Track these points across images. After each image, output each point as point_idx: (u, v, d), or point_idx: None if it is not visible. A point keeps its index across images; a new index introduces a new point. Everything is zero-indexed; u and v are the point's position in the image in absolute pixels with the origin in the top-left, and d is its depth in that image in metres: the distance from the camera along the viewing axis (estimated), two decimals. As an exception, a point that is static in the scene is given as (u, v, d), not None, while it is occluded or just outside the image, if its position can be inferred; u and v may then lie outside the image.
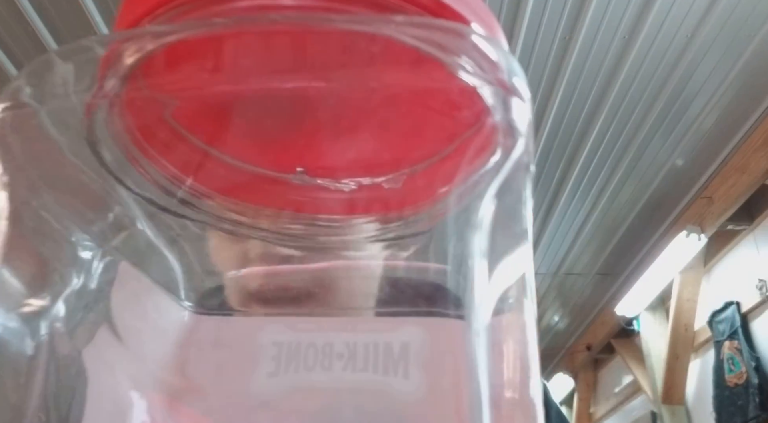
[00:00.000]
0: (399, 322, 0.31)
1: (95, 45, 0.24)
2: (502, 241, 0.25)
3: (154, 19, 0.26)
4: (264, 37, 0.27)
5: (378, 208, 0.33)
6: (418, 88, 0.27)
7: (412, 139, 0.32)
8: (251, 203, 0.35)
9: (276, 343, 0.31)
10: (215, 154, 0.34)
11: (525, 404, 0.25)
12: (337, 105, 0.31)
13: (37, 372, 0.25)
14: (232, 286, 0.35)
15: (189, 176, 0.32)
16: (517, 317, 0.26)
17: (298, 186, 0.34)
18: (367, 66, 0.26)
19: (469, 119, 0.27)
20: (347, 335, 0.31)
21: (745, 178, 2.96)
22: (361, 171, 0.33)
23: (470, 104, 0.26)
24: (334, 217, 0.34)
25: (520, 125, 0.25)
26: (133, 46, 0.24)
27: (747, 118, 2.80)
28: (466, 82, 0.25)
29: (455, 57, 0.25)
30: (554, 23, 2.33)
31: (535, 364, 0.26)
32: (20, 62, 2.44)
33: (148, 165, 0.30)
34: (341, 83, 0.26)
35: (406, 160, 0.32)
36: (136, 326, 0.30)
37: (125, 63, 0.24)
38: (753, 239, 3.29)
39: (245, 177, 0.35)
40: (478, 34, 0.25)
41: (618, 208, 3.38)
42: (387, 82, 0.27)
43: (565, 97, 2.65)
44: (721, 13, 2.29)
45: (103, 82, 0.25)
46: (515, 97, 0.24)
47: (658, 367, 3.92)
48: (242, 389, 0.31)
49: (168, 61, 0.27)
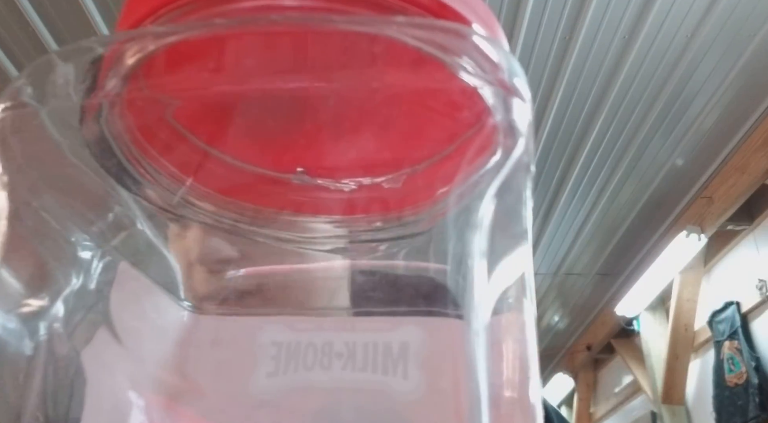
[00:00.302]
0: (398, 321, 0.31)
1: (96, 45, 0.24)
2: (501, 241, 0.25)
3: (156, 20, 0.26)
4: (265, 37, 0.27)
5: (378, 209, 0.33)
6: (418, 88, 0.27)
7: (412, 140, 0.32)
8: (251, 203, 0.35)
9: (275, 342, 0.31)
10: (215, 155, 0.34)
11: (524, 404, 0.25)
12: (338, 105, 0.31)
13: (36, 372, 0.25)
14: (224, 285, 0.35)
15: (189, 176, 0.32)
16: (517, 317, 0.26)
17: (298, 186, 0.34)
18: (368, 66, 0.26)
19: (469, 119, 0.27)
20: (346, 335, 0.31)
21: (745, 178, 2.96)
22: (361, 171, 0.33)
23: (471, 104, 0.26)
24: (333, 217, 0.34)
25: (520, 125, 0.25)
26: (135, 46, 0.24)
27: (747, 118, 2.80)
28: (466, 82, 0.25)
29: (456, 57, 0.25)
30: (554, 23, 2.33)
31: (534, 364, 0.26)
32: (20, 62, 2.44)
33: (149, 165, 0.30)
34: (342, 84, 0.27)
35: (406, 160, 0.32)
36: (135, 326, 0.30)
37: (126, 63, 0.24)
38: (753, 239, 3.29)
39: (245, 177, 0.35)
40: (479, 35, 0.25)
41: (618, 208, 3.38)
42: (388, 83, 0.27)
43: (565, 97, 2.65)
44: (721, 13, 2.29)
45: (104, 82, 0.25)
46: (516, 98, 0.24)
47: (658, 367, 3.92)
48: (241, 389, 0.31)
49: (169, 62, 0.27)
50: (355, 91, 0.28)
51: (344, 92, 0.28)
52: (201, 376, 0.31)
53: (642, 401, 4.30)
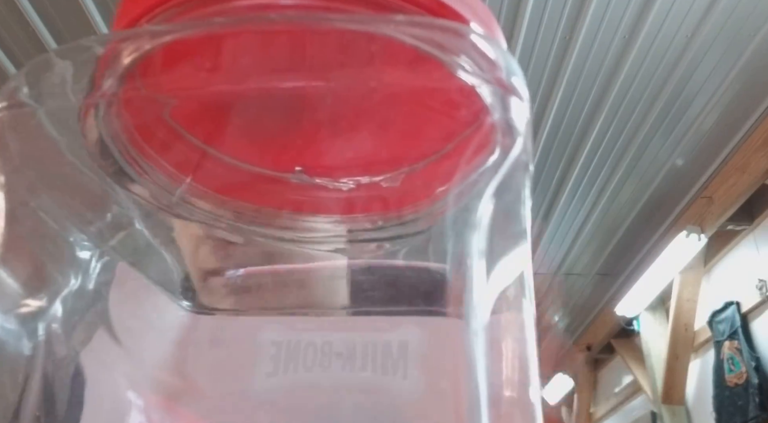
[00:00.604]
0: (398, 321, 0.31)
1: (94, 44, 0.24)
2: (500, 241, 0.25)
3: (153, 19, 0.26)
4: (262, 36, 0.27)
5: (376, 208, 0.33)
6: (416, 87, 0.27)
7: (410, 138, 0.32)
8: (249, 203, 0.34)
9: (275, 342, 0.31)
10: (213, 154, 0.34)
11: (524, 403, 0.25)
12: (336, 104, 0.31)
13: (35, 373, 0.24)
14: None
15: (187, 176, 0.32)
16: (516, 316, 0.26)
17: (297, 185, 0.34)
18: (366, 65, 0.26)
19: (467, 118, 0.27)
20: (346, 334, 0.31)
21: (745, 178, 2.96)
22: (359, 170, 0.33)
23: (469, 103, 0.26)
24: (332, 216, 0.34)
25: (518, 124, 0.25)
26: (131, 45, 0.24)
27: (747, 118, 2.79)
28: (464, 81, 0.25)
29: (454, 56, 0.25)
30: (554, 23, 2.33)
31: (534, 364, 0.26)
32: (20, 62, 2.44)
33: (146, 164, 0.30)
34: (340, 83, 0.26)
35: (404, 159, 0.32)
36: (134, 326, 0.30)
37: (123, 62, 0.24)
38: (753, 239, 3.29)
39: (243, 176, 0.35)
40: (477, 34, 0.25)
41: (618, 208, 3.38)
42: (386, 82, 0.27)
43: (565, 97, 2.65)
44: (721, 13, 2.29)
45: (100, 81, 0.25)
46: (514, 97, 0.24)
47: (658, 367, 3.92)
48: (241, 389, 0.31)
49: (166, 61, 0.27)
50: (353, 90, 0.28)
51: (342, 91, 0.28)
52: (200, 376, 0.31)
53: (642, 401, 4.30)
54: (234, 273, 0.35)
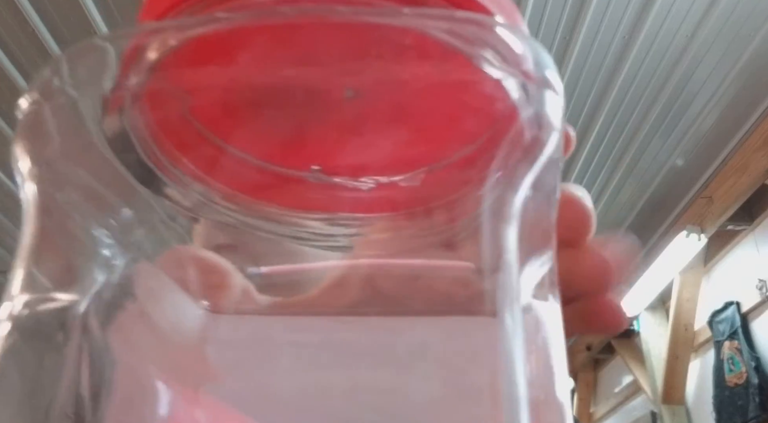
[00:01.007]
0: (418, 320, 0.31)
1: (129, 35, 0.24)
2: (532, 237, 0.25)
3: (179, 14, 0.26)
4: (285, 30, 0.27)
5: (400, 206, 0.32)
6: (442, 82, 0.27)
7: (435, 135, 0.31)
8: (265, 201, 0.34)
9: (293, 342, 0.31)
10: (231, 151, 0.33)
11: (552, 403, 0.25)
12: (356, 101, 0.30)
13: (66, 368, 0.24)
14: None
15: (206, 174, 0.32)
16: (544, 313, 0.25)
17: (315, 184, 0.34)
18: (393, 60, 0.25)
19: (495, 114, 0.27)
20: (365, 334, 0.31)
21: (745, 178, 2.96)
22: (380, 169, 0.33)
23: (497, 99, 0.26)
24: (353, 214, 0.33)
25: (553, 119, 0.24)
26: (157, 39, 0.24)
27: (747, 118, 2.80)
28: (491, 75, 0.25)
29: (480, 49, 0.24)
30: (554, 23, 2.33)
31: (562, 362, 0.25)
32: (20, 62, 2.43)
33: (167, 161, 0.30)
34: (366, 78, 0.26)
35: (429, 157, 0.31)
36: (156, 324, 0.30)
37: (149, 57, 0.24)
38: (753, 239, 3.29)
39: (260, 175, 0.34)
40: (504, 26, 0.25)
41: (618, 208, 3.38)
42: (410, 78, 0.27)
43: (564, 97, 2.65)
44: (721, 13, 2.29)
45: (126, 76, 0.24)
46: (548, 90, 0.24)
47: (658, 367, 3.92)
48: (258, 389, 0.31)
49: (191, 56, 0.26)
50: (380, 85, 0.27)
51: (366, 87, 0.28)
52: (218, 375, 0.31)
53: (642, 401, 4.31)
54: (252, 272, 0.35)
